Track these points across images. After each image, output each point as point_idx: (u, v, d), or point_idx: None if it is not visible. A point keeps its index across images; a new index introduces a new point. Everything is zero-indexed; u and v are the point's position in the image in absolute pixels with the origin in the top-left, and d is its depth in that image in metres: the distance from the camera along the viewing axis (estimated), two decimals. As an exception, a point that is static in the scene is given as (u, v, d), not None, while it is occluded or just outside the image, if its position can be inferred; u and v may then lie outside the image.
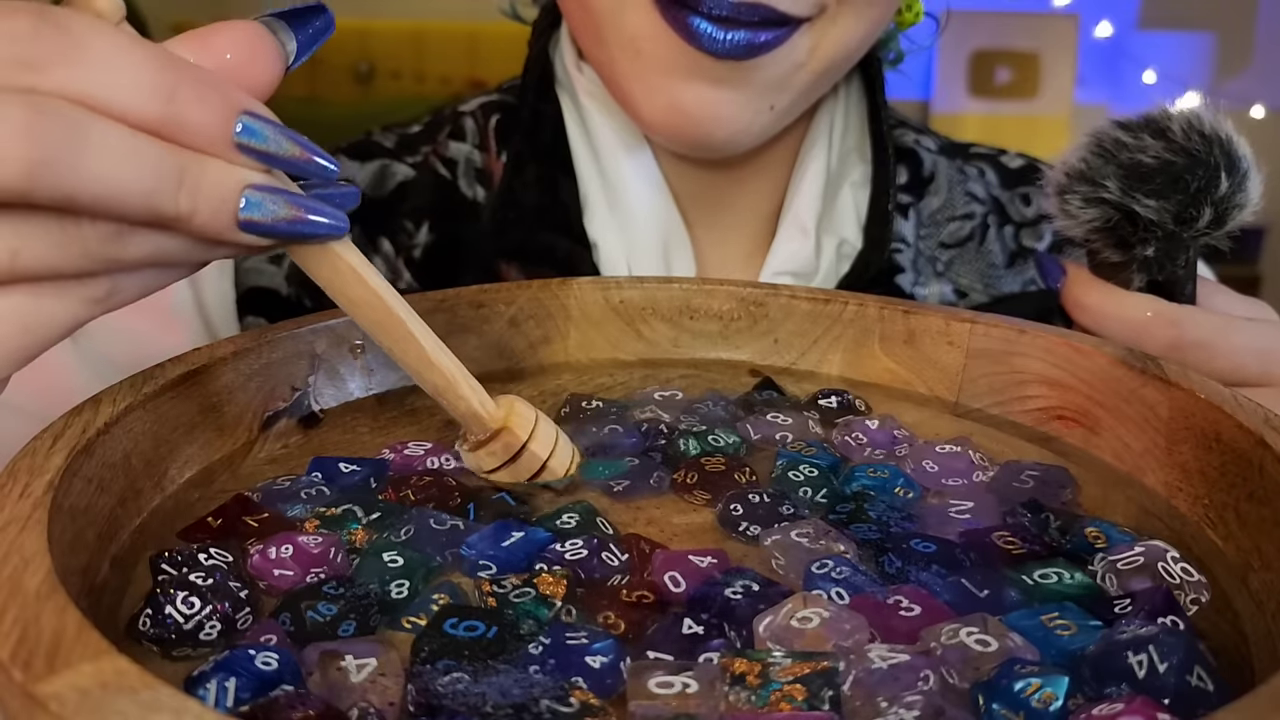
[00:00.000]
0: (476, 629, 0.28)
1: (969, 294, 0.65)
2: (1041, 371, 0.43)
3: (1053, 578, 0.31)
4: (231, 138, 0.28)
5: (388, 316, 0.34)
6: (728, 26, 0.50)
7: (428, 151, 0.64)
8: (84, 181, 0.26)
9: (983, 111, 2.38)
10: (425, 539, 0.33)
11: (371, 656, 0.26)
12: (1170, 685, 0.25)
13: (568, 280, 0.48)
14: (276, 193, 0.30)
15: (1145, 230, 0.43)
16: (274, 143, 0.29)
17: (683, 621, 0.29)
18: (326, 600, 0.29)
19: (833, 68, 0.55)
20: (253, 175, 0.29)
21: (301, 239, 0.31)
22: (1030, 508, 0.35)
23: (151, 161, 0.27)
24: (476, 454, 0.37)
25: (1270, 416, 0.35)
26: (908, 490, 0.37)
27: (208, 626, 0.28)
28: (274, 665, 0.25)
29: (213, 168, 0.28)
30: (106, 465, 0.32)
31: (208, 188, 0.28)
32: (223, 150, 0.28)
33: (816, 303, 0.48)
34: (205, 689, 0.25)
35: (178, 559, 0.30)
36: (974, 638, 0.27)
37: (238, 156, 0.29)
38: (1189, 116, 0.42)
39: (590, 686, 0.26)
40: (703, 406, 0.43)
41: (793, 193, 0.63)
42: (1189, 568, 0.32)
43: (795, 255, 0.62)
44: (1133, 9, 2.61)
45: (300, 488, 0.36)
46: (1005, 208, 0.68)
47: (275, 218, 0.30)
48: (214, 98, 0.28)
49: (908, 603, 0.29)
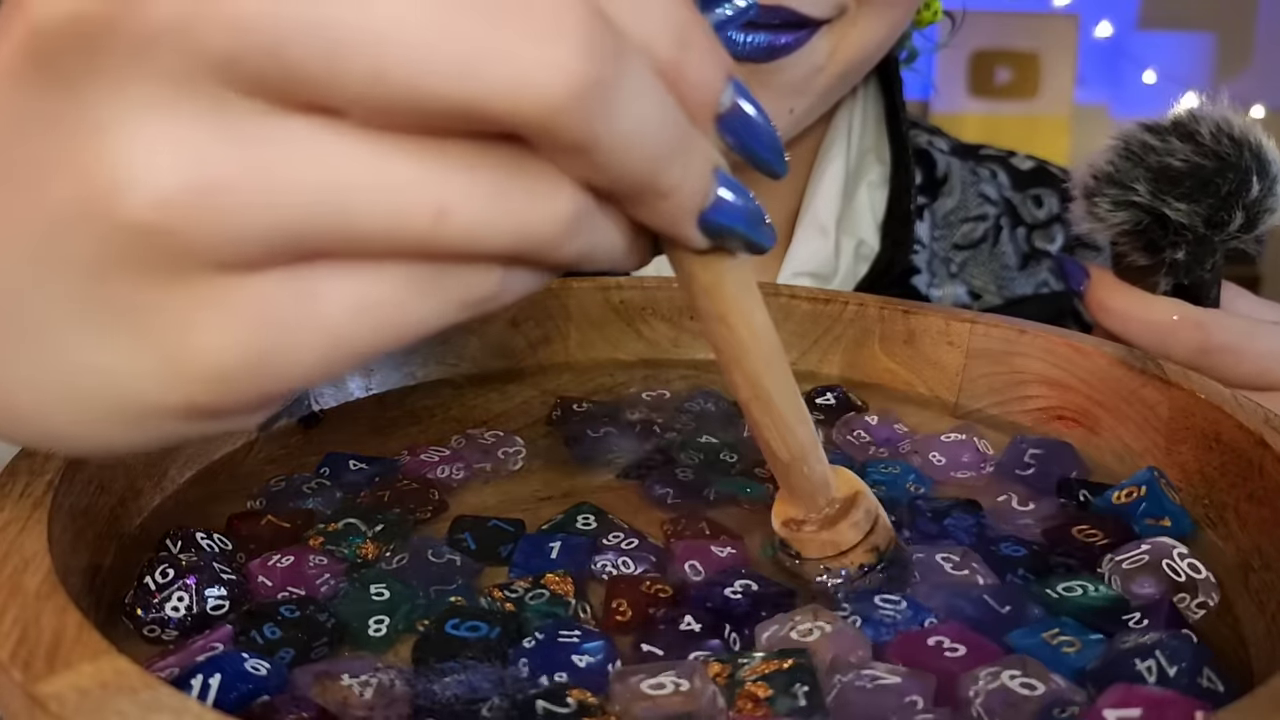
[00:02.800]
0: (479, 629, 0.27)
1: (982, 295, 0.65)
2: (1041, 371, 0.43)
3: (1077, 590, 0.30)
4: (719, 105, 0.23)
5: (776, 356, 0.27)
6: (747, 29, 0.50)
7: None
8: (616, 125, 0.20)
9: (982, 111, 2.38)
10: (416, 570, 0.31)
11: (368, 674, 0.25)
12: (1182, 689, 0.25)
13: (567, 280, 0.48)
14: (737, 186, 0.24)
15: (1176, 234, 0.42)
16: (753, 125, 0.24)
17: (683, 618, 0.29)
18: (274, 623, 0.28)
19: (852, 70, 0.55)
20: (719, 158, 0.23)
21: (749, 247, 0.25)
22: (1064, 490, 0.36)
23: (673, 117, 0.21)
24: (836, 529, 0.30)
25: (1270, 416, 0.35)
26: (918, 485, 0.37)
27: (174, 600, 0.28)
28: (262, 672, 0.25)
29: (701, 141, 0.23)
30: (106, 465, 0.32)
31: (696, 163, 0.22)
32: (707, 119, 0.23)
33: (816, 303, 0.48)
34: (189, 685, 0.25)
35: (181, 538, 0.30)
36: (1017, 680, 0.26)
37: (715, 132, 0.23)
38: (1218, 120, 0.42)
39: (577, 684, 0.26)
40: (695, 405, 0.43)
41: (811, 193, 0.63)
42: (1196, 564, 0.31)
43: (814, 255, 0.62)
44: (1133, 9, 2.61)
45: (301, 483, 0.36)
46: (1017, 209, 0.68)
47: (736, 215, 0.24)
48: (719, 52, 0.22)
49: (950, 642, 0.28)
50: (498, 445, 0.39)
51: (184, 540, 0.31)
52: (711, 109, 0.23)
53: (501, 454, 0.39)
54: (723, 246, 0.25)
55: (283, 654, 0.27)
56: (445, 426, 0.42)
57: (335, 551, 0.32)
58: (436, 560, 0.32)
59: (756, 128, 0.24)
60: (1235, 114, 0.42)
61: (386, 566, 0.32)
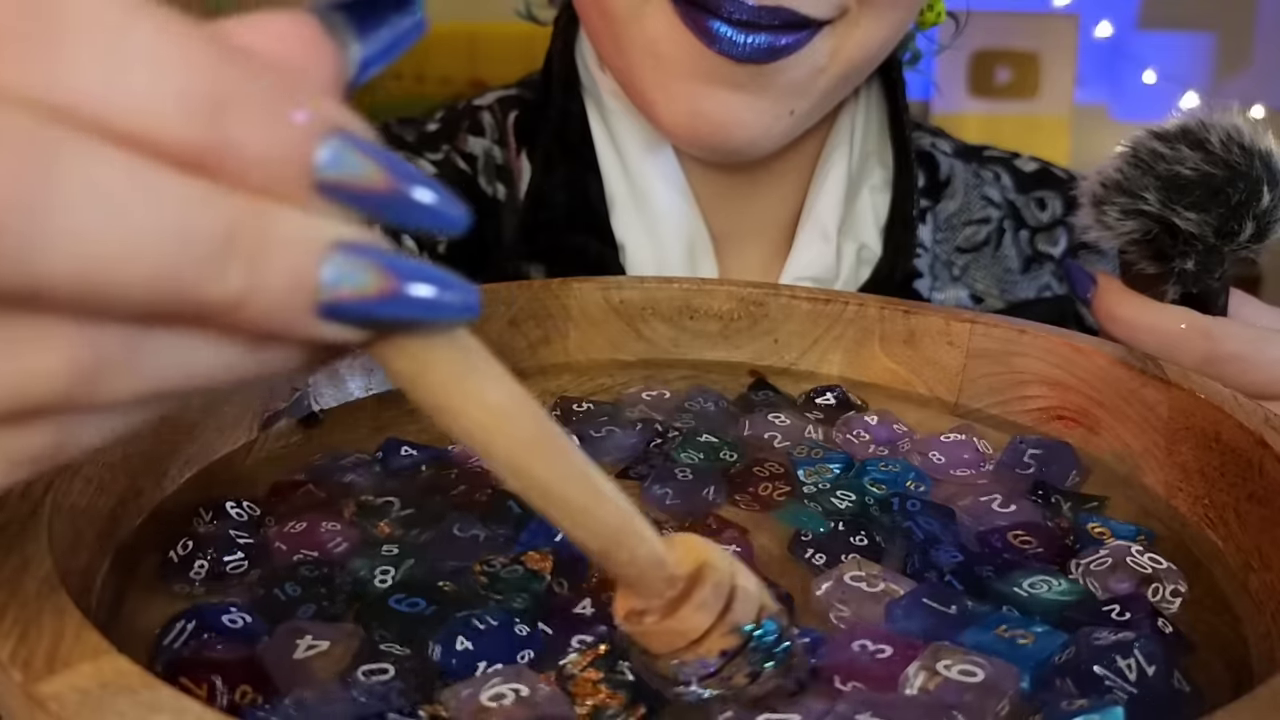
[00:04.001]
0: (418, 605, 0.29)
1: (985, 299, 0.65)
2: (1041, 371, 0.43)
3: (1042, 587, 0.31)
4: (312, 171, 0.18)
5: (538, 433, 0.21)
6: (748, 30, 0.50)
7: (448, 149, 0.64)
8: (50, 256, 0.16)
9: (982, 111, 2.38)
10: (438, 543, 0.33)
11: (328, 640, 0.27)
12: (1160, 688, 0.25)
13: (568, 280, 0.48)
14: (372, 256, 0.19)
15: (1185, 243, 0.42)
16: (371, 179, 0.18)
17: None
18: (294, 582, 0.30)
19: (853, 71, 0.55)
20: (340, 229, 0.18)
21: (410, 323, 0.20)
22: (1039, 491, 0.36)
23: (178, 214, 0.17)
24: (679, 615, 0.24)
25: (1270, 416, 0.35)
26: (919, 484, 0.37)
27: (196, 565, 0.31)
28: (239, 625, 0.27)
29: (283, 220, 0.18)
30: (106, 465, 0.32)
31: (276, 252, 0.18)
32: (295, 191, 0.18)
33: (817, 303, 0.48)
34: (173, 627, 0.27)
35: (212, 509, 0.33)
36: (956, 669, 0.26)
37: (318, 201, 0.18)
38: (1227, 128, 0.41)
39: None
40: (695, 405, 0.43)
41: (814, 197, 0.63)
42: (1157, 556, 0.32)
43: (816, 260, 0.61)
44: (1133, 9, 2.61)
45: (353, 462, 0.38)
46: (1020, 212, 0.68)
47: (369, 303, 0.18)
48: (288, 109, 0.18)
49: (874, 645, 0.28)
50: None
51: (215, 511, 0.34)
52: (299, 181, 0.18)
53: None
54: (397, 330, 0.20)
55: (303, 610, 0.29)
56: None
57: (361, 524, 0.34)
58: (460, 534, 0.33)
59: (364, 182, 0.18)
60: (1245, 122, 0.42)
61: (408, 538, 0.33)
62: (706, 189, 0.62)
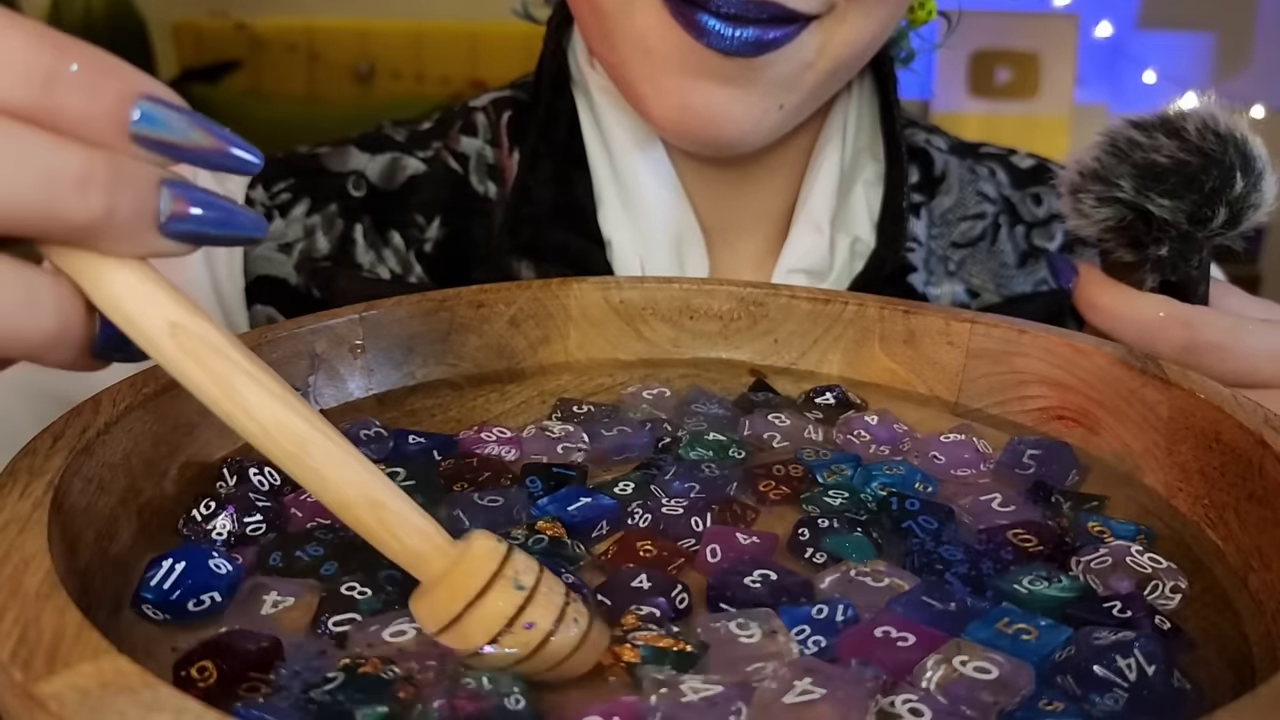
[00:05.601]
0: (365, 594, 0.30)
1: (981, 294, 0.65)
2: (1041, 371, 0.43)
3: (1042, 583, 0.31)
4: (128, 128, 0.25)
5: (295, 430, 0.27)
6: (736, 24, 0.50)
7: (439, 147, 0.64)
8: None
9: (983, 111, 2.38)
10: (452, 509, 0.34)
11: (293, 596, 0.29)
12: (1160, 686, 0.25)
13: (568, 280, 0.48)
14: (193, 193, 0.26)
15: (1159, 230, 0.42)
16: (180, 132, 0.25)
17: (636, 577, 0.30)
18: (315, 543, 0.32)
19: (842, 66, 0.55)
20: (169, 171, 0.26)
21: (230, 239, 0.27)
22: (1038, 493, 0.36)
23: (49, 156, 0.23)
24: (484, 601, 0.26)
25: (1270, 416, 0.35)
26: (926, 485, 0.37)
27: (218, 526, 0.33)
28: (222, 571, 0.30)
29: (124, 163, 0.25)
30: (106, 465, 0.32)
31: (124, 184, 0.24)
32: (116, 143, 0.25)
33: (816, 303, 0.48)
34: (159, 565, 0.29)
35: (236, 471, 0.35)
36: (971, 665, 0.26)
37: (136, 151, 0.25)
38: (1204, 116, 0.41)
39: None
40: (699, 405, 0.43)
41: (807, 190, 0.63)
42: (1157, 556, 0.32)
43: (810, 252, 0.62)
44: (1133, 9, 2.62)
45: (367, 439, 0.39)
46: (1016, 208, 0.68)
47: (199, 220, 0.26)
48: (105, 81, 0.24)
49: (897, 632, 0.28)
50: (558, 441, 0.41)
51: (238, 474, 0.35)
52: (118, 133, 0.24)
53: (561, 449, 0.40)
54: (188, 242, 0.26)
55: (327, 567, 0.31)
56: (445, 427, 0.42)
57: None
58: (480, 502, 0.35)
59: (178, 137, 0.25)
60: (1223, 110, 0.42)
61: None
62: (698, 184, 0.62)
